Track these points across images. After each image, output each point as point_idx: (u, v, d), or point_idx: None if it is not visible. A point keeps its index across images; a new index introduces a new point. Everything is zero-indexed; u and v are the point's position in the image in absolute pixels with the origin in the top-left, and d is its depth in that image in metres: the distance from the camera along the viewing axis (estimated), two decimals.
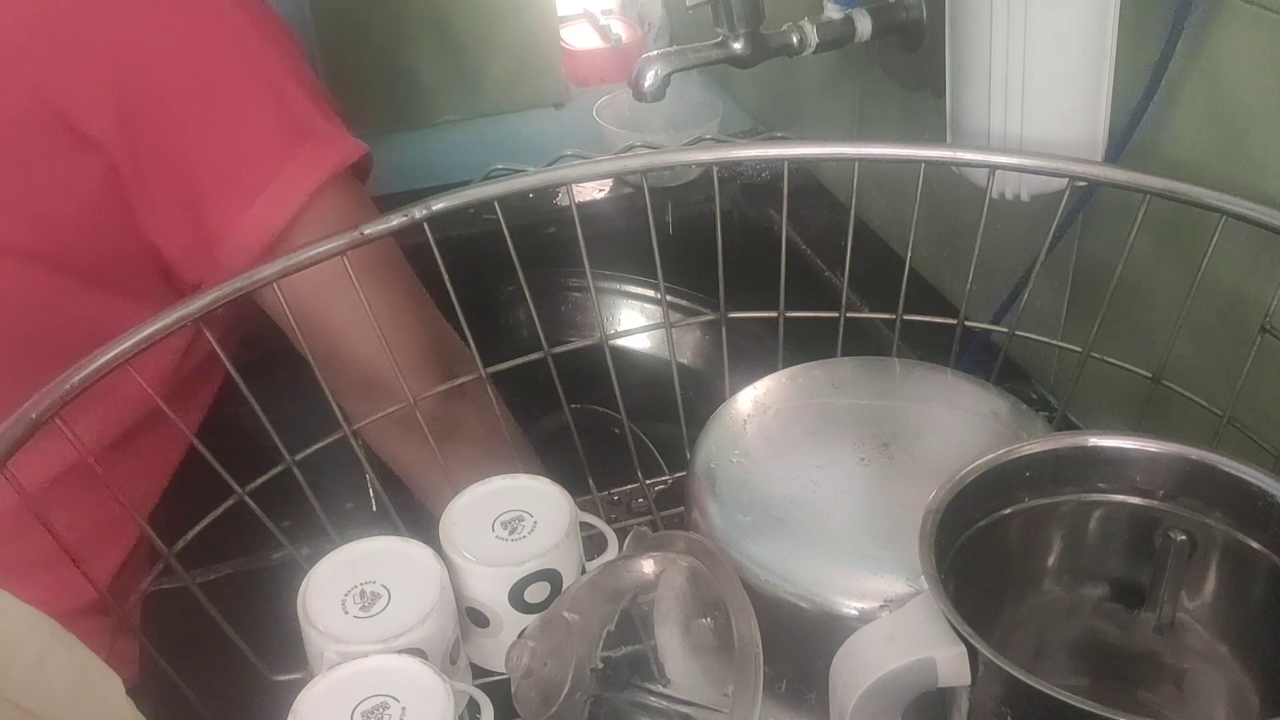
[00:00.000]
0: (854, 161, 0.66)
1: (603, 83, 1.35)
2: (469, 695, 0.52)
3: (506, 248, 0.63)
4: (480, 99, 1.29)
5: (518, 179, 0.64)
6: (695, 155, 0.68)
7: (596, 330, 0.68)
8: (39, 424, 0.51)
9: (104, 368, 0.54)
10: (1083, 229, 0.74)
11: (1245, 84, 0.60)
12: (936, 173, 0.64)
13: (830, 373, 0.62)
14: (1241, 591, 0.47)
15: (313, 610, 0.52)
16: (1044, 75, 0.61)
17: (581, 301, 1.13)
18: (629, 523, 0.69)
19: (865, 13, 0.81)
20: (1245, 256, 0.61)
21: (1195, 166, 0.64)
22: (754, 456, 0.57)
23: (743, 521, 0.54)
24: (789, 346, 0.68)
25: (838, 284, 0.94)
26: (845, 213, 0.78)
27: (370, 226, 0.61)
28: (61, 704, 0.45)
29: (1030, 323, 0.68)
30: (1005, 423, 0.59)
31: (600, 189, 1.13)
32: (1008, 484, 0.47)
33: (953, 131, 0.68)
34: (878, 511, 0.53)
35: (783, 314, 0.68)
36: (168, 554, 0.56)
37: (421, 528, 0.59)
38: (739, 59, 0.82)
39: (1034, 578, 0.50)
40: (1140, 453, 0.47)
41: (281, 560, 0.63)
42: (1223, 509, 0.46)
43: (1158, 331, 0.68)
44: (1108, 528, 0.48)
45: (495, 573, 0.55)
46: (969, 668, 0.42)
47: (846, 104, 1.02)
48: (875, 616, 0.48)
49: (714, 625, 0.50)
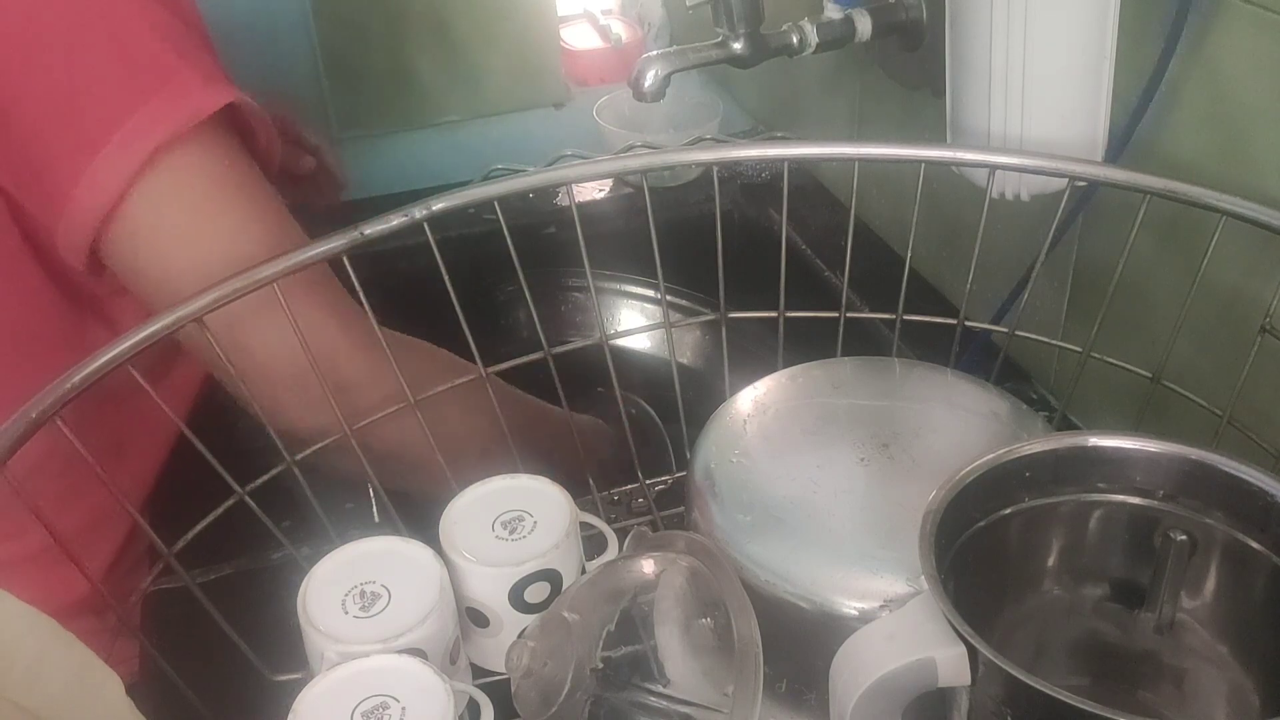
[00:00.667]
0: (854, 161, 0.66)
1: (603, 83, 1.35)
2: (469, 695, 0.52)
3: (506, 248, 0.63)
4: (480, 99, 1.29)
5: (518, 179, 0.64)
6: (695, 155, 0.68)
7: (596, 330, 0.68)
8: (39, 424, 0.51)
9: (104, 367, 0.54)
10: (1083, 229, 0.74)
11: (1245, 84, 0.60)
12: (936, 173, 0.64)
13: (830, 373, 0.62)
14: (1241, 591, 0.47)
15: (313, 610, 0.52)
16: (1044, 75, 0.61)
17: (581, 301, 1.13)
18: (629, 523, 0.69)
19: (865, 13, 0.81)
20: (1245, 256, 0.61)
21: (1195, 166, 0.64)
22: (754, 456, 0.57)
23: (743, 521, 0.54)
24: (789, 346, 0.68)
25: (838, 284, 0.94)
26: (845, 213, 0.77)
27: (370, 226, 0.61)
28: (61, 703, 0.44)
29: (1030, 323, 0.68)
30: (1005, 423, 0.59)
31: (600, 189, 1.13)
32: (1008, 484, 0.47)
33: (953, 131, 0.68)
34: (878, 511, 0.53)
35: (783, 314, 0.68)
36: (168, 554, 0.56)
37: (421, 528, 0.59)
38: (739, 59, 0.82)
39: (1034, 578, 0.50)
40: (1140, 453, 0.47)
41: (281, 560, 0.63)
42: (1223, 509, 0.46)
43: (1158, 331, 0.68)
44: (1108, 528, 0.48)
45: (495, 573, 0.55)
46: (969, 668, 0.42)
47: (846, 104, 1.02)
48: (875, 616, 0.48)
49: (714, 625, 0.50)
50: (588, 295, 1.11)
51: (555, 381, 0.67)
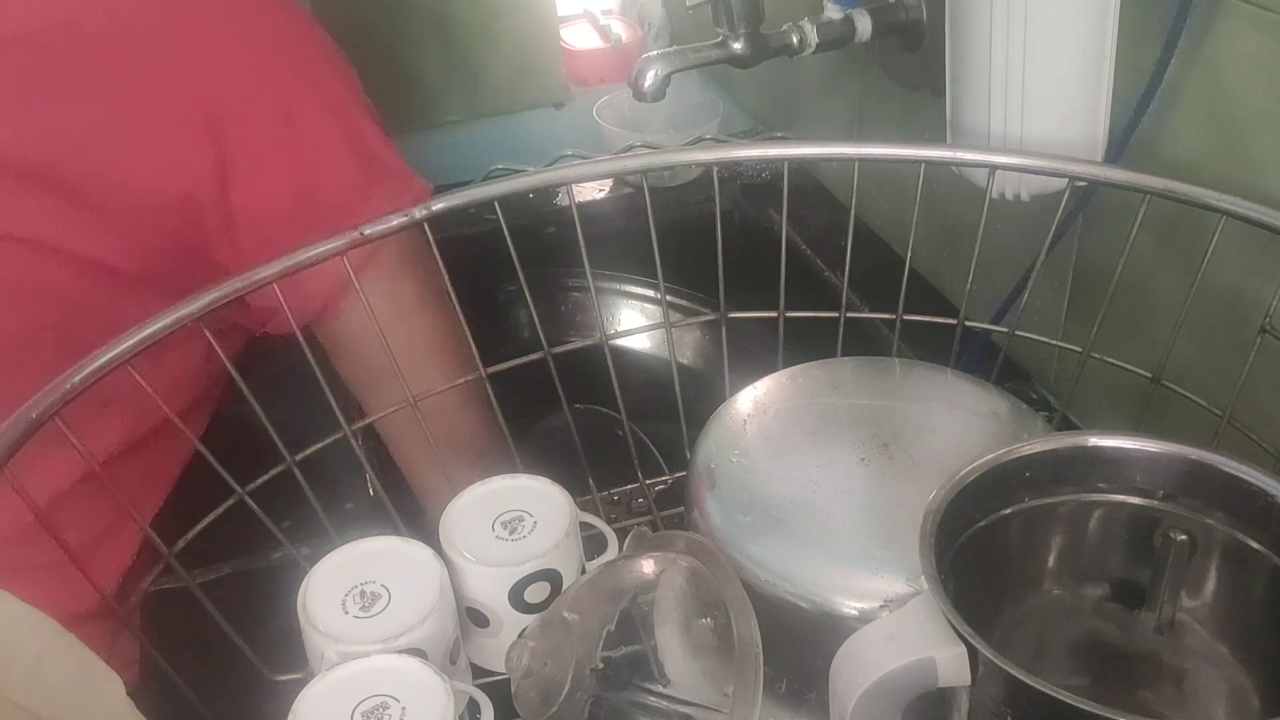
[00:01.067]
0: (854, 161, 0.66)
1: (603, 83, 1.35)
2: (469, 695, 0.52)
3: (506, 248, 0.63)
4: (481, 99, 1.29)
5: (518, 179, 0.64)
6: (695, 155, 0.68)
7: (596, 330, 0.68)
8: (39, 424, 0.51)
9: (104, 368, 0.54)
10: (1083, 229, 0.74)
11: (1245, 84, 0.60)
12: (936, 173, 0.64)
13: (830, 373, 0.63)
14: (1241, 591, 0.47)
15: (313, 610, 0.53)
16: (1044, 75, 0.61)
17: (581, 301, 1.13)
18: (629, 523, 0.69)
19: (865, 13, 0.81)
20: (1245, 256, 0.61)
21: (1195, 166, 0.64)
22: (754, 456, 0.57)
23: (743, 521, 0.54)
24: (789, 346, 0.68)
25: (838, 284, 0.94)
26: (845, 213, 0.77)
27: (370, 226, 0.61)
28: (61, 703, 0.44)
29: (1030, 323, 0.68)
30: (1005, 423, 0.59)
31: (600, 189, 1.13)
32: (1008, 484, 0.47)
33: (953, 131, 0.68)
34: (878, 511, 0.53)
35: (783, 314, 0.68)
36: (168, 554, 0.56)
37: (421, 528, 0.59)
38: (739, 59, 0.82)
39: (1034, 578, 0.50)
40: (1140, 453, 0.47)
41: (281, 560, 0.63)
42: (1223, 509, 0.46)
43: (1158, 331, 0.68)
44: (1108, 528, 0.48)
45: (495, 573, 0.55)
46: (969, 668, 0.42)
47: (846, 104, 1.02)
48: (875, 616, 0.48)
49: (714, 625, 0.50)
50: (588, 295, 1.11)
51: (555, 382, 0.67)
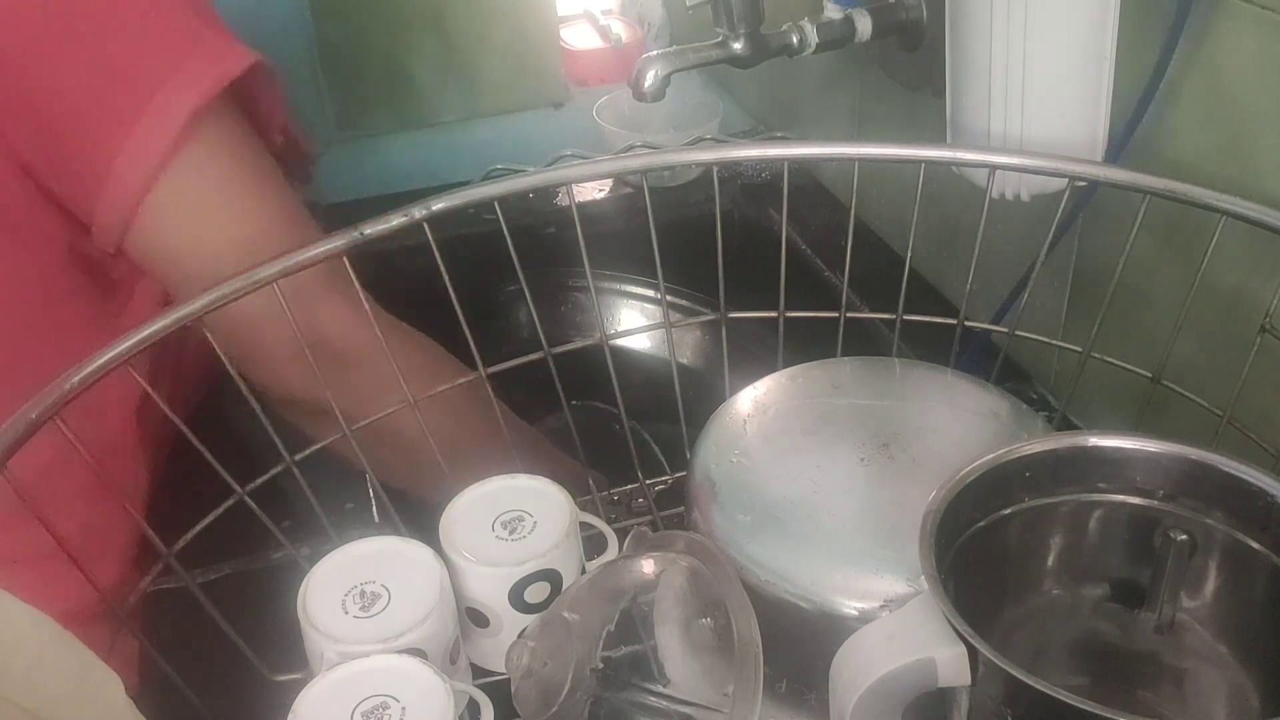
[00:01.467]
0: (854, 161, 0.66)
1: (603, 83, 1.35)
2: (469, 695, 0.52)
3: (506, 248, 0.63)
4: (480, 99, 1.29)
5: (518, 179, 0.64)
6: (695, 155, 0.68)
7: (596, 330, 0.68)
8: (39, 424, 0.51)
9: (104, 367, 0.54)
10: (1083, 229, 0.74)
11: (1245, 84, 0.60)
12: (936, 173, 0.64)
13: (830, 373, 0.62)
14: (1241, 591, 0.47)
15: (313, 610, 0.52)
16: (1044, 75, 0.61)
17: (581, 301, 1.13)
18: (629, 523, 0.69)
19: (865, 13, 0.81)
20: (1245, 256, 0.61)
21: (1195, 166, 0.64)
22: (754, 456, 0.57)
23: (743, 521, 0.54)
24: (789, 346, 0.68)
25: (838, 284, 0.94)
26: (845, 213, 0.77)
27: (370, 226, 0.61)
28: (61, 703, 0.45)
29: (1030, 323, 0.68)
30: (1005, 423, 0.59)
31: (600, 189, 1.13)
32: (1008, 484, 0.47)
33: (953, 131, 0.68)
34: (878, 511, 0.53)
35: (783, 314, 0.68)
36: (168, 554, 0.56)
37: (421, 528, 0.59)
38: (739, 59, 0.82)
39: (1034, 578, 0.50)
40: (1140, 453, 0.47)
41: (281, 560, 0.63)
42: (1223, 509, 0.46)
43: (1158, 331, 0.68)
44: (1108, 528, 0.48)
45: (495, 573, 0.55)
46: (969, 668, 0.42)
47: (846, 104, 1.02)
48: (875, 616, 0.48)
49: (714, 625, 0.50)
50: (588, 295, 1.11)
51: (555, 381, 0.67)
